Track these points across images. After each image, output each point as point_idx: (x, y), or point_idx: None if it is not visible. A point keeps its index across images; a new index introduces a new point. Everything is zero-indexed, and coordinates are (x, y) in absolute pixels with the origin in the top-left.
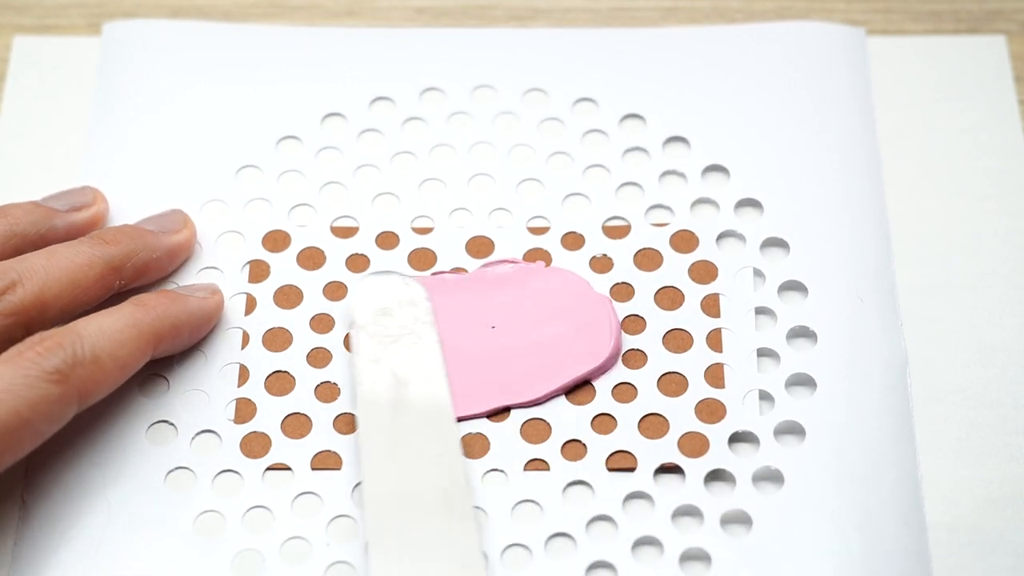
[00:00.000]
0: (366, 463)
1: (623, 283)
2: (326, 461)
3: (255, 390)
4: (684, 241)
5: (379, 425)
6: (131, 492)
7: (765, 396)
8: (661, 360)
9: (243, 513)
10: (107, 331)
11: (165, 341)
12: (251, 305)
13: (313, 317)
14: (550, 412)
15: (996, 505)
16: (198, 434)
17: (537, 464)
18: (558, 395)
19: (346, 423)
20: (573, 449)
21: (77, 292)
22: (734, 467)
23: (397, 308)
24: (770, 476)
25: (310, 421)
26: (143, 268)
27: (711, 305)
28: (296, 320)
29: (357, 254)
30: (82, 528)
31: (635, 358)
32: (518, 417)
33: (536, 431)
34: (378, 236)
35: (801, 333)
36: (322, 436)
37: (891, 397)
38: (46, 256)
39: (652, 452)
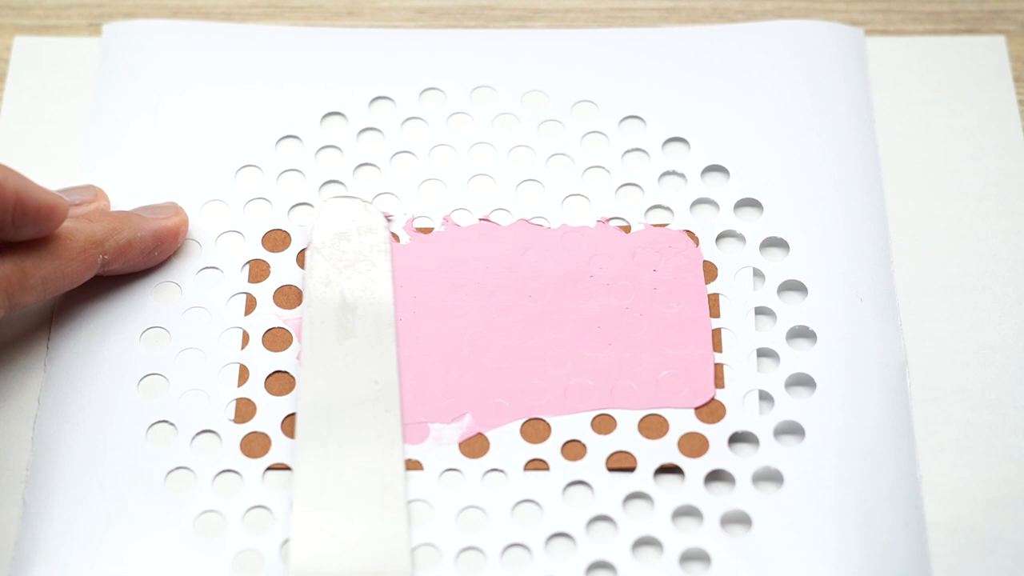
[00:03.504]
0: (303, 380)
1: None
2: None
3: (255, 390)
4: None
5: (323, 347)
6: (131, 492)
7: (765, 396)
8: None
9: (243, 513)
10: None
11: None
12: (251, 305)
13: None
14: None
15: (996, 505)
16: (198, 434)
17: (537, 464)
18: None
19: None
20: (573, 449)
21: (58, 263)
22: (734, 467)
23: (355, 234)
24: (770, 476)
25: None
26: (126, 245)
27: (711, 305)
28: (296, 320)
29: None
30: (82, 528)
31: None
32: None
33: (536, 431)
34: None
35: (801, 333)
36: None
37: (890, 397)
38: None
39: (652, 452)
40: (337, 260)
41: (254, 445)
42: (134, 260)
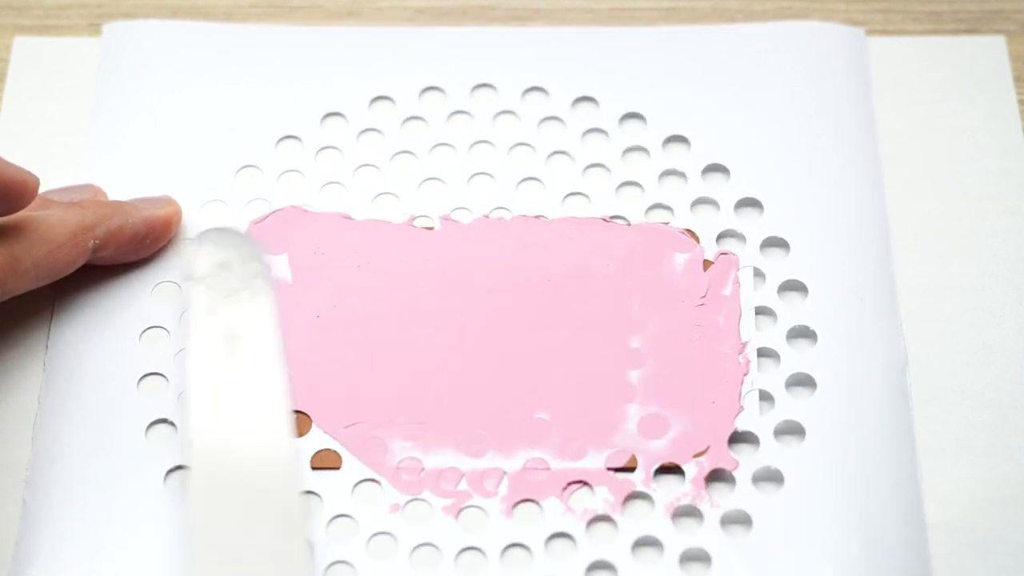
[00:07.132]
0: (192, 417)
1: None
2: (326, 461)
3: None
4: None
5: (211, 378)
6: (131, 492)
7: (765, 396)
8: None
9: None
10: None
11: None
12: None
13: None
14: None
15: (996, 505)
16: None
17: (537, 464)
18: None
19: None
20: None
21: (50, 249)
22: (734, 467)
23: (237, 263)
24: (770, 476)
25: (310, 421)
26: (117, 231)
27: None
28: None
29: None
30: (82, 528)
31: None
32: None
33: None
34: None
35: (801, 333)
36: (322, 436)
37: (891, 397)
38: (17, 217)
39: (652, 452)
40: (221, 289)
41: None
42: (125, 247)
